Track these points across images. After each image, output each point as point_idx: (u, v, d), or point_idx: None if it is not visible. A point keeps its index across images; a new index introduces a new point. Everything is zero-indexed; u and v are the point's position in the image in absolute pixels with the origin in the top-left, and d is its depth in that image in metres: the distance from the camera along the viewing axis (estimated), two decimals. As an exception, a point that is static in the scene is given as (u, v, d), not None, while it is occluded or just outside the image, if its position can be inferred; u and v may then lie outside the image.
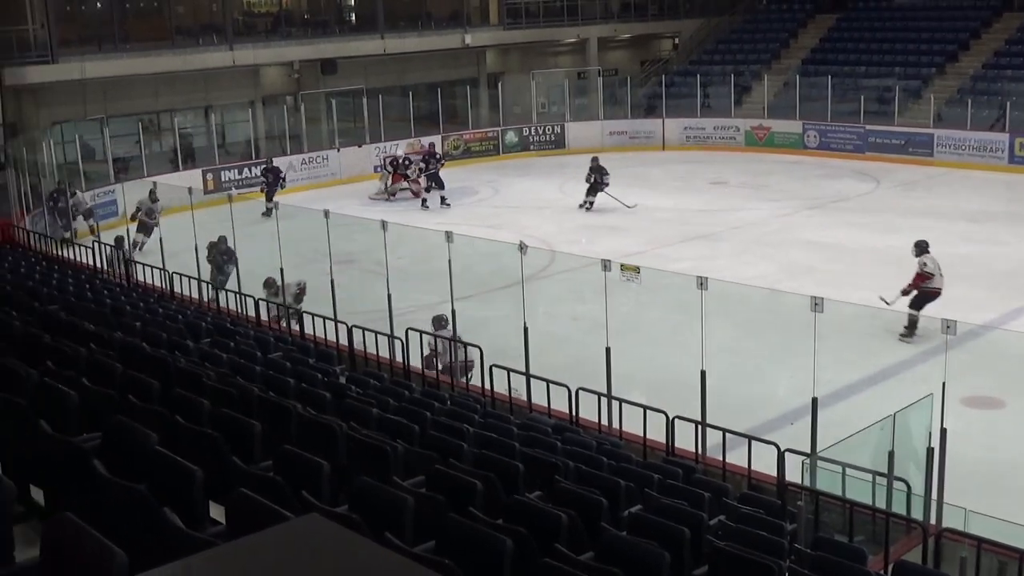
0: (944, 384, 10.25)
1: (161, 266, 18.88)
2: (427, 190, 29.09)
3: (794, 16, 43.07)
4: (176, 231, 19.88)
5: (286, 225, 17.91)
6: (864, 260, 21.96)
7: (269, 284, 17.60)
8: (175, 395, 8.16)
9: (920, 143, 33.59)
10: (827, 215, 26.67)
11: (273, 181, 28.71)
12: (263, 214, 24.41)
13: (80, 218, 25.30)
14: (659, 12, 44.87)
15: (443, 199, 28.78)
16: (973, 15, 38.63)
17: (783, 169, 33.30)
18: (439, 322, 15.22)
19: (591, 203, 27.39)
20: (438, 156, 30.70)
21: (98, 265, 19.73)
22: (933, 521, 9.91)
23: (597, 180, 27.32)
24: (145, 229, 23.09)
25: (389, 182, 30.37)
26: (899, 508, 9.77)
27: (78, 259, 20.11)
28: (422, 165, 29.56)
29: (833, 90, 35.58)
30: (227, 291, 17.21)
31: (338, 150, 33.79)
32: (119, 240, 20.37)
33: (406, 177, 30.17)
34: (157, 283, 18.60)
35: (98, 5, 34.88)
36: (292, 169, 32.33)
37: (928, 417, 10.16)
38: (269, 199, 26.64)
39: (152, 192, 23.46)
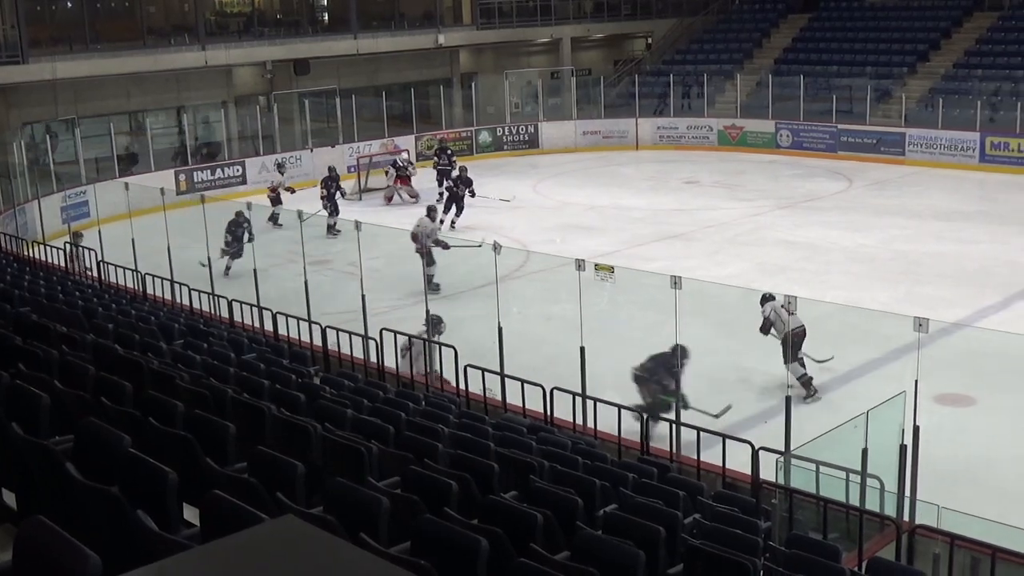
0: (916, 382, 10.32)
1: (133, 267, 18.79)
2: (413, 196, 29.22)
3: (766, 16, 43.23)
4: (148, 232, 19.78)
5: (260, 226, 17.86)
6: (837, 259, 22.07)
7: (403, 349, 14.97)
8: (148, 397, 8.11)
9: (892, 142, 33.79)
10: (800, 214, 26.78)
11: (334, 192, 26.99)
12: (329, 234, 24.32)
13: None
14: (632, 12, 44.94)
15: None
16: (944, 15, 38.87)
17: (756, 168, 33.43)
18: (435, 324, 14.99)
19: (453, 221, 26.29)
20: (449, 151, 30.85)
21: (70, 267, 19.64)
22: (906, 518, 9.97)
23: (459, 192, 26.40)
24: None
25: (392, 182, 30.29)
26: (872, 505, 9.81)
27: (50, 260, 19.99)
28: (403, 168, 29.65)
29: (805, 90, 35.73)
30: (199, 292, 17.11)
31: (311, 150, 33.68)
32: (76, 236, 20.38)
33: (409, 179, 30.11)
34: (130, 284, 18.52)
35: (69, 5, 34.65)
36: (265, 170, 32.25)
37: (901, 414, 10.22)
38: (334, 213, 25.91)
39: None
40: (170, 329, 13.28)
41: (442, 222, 25.77)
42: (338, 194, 26.98)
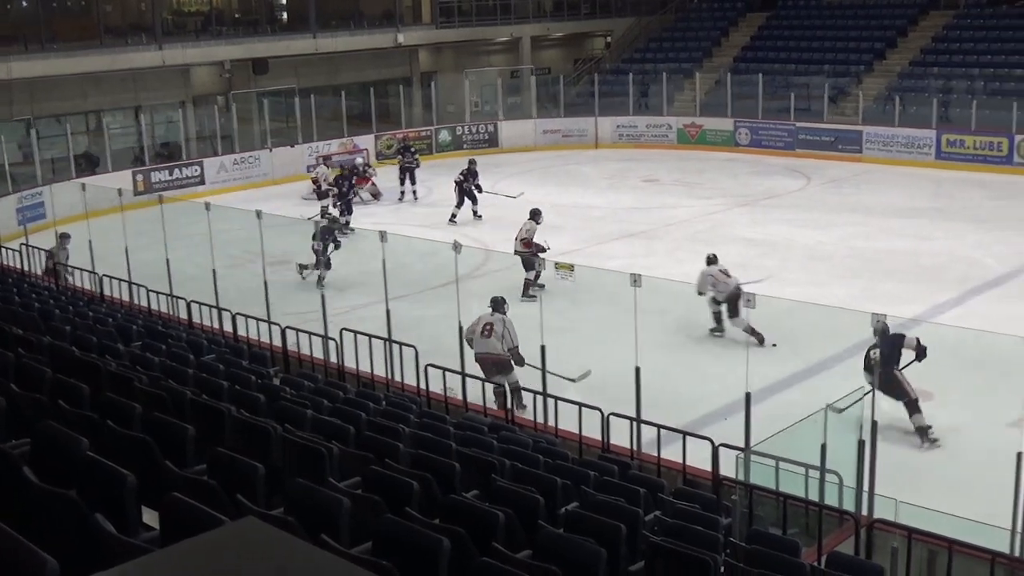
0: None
1: (91, 268, 18.64)
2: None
3: (725, 15, 43.44)
4: (106, 233, 19.63)
5: (219, 226, 17.75)
6: (795, 256, 22.22)
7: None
8: (106, 399, 8.05)
9: (849, 140, 34.05)
10: (759, 212, 26.94)
11: (348, 189, 26.32)
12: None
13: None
14: (592, 11, 45.07)
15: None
16: (900, 13, 39.21)
17: (715, 166, 33.59)
18: (497, 304, 14.37)
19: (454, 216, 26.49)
20: (412, 149, 30.93)
21: (26, 268, 19.45)
22: (865, 512, 10.05)
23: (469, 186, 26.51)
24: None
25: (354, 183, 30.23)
26: (832, 500, 9.89)
27: (5, 262, 19.80)
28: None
29: (764, 88, 35.93)
30: (157, 293, 17.00)
31: (270, 150, 33.53)
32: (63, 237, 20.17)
33: (368, 179, 30.05)
34: (87, 286, 18.37)
35: (24, 4, 34.33)
36: (223, 170, 32.10)
37: (859, 410, 10.31)
38: (345, 212, 25.50)
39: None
40: (128, 331, 13.20)
41: (454, 216, 26.32)
42: (352, 193, 26.80)
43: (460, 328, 14.11)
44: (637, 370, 12.47)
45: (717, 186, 30.57)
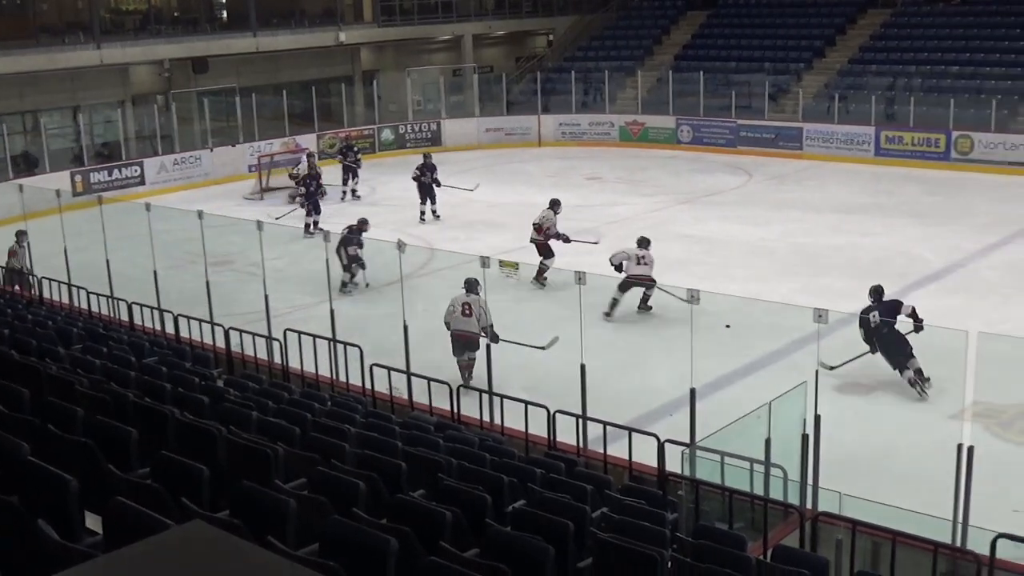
0: (817, 372, 10.50)
1: (29, 271, 18.40)
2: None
3: (666, 13, 43.65)
4: (44, 235, 19.37)
5: (159, 227, 17.59)
6: (737, 252, 22.38)
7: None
8: (47, 403, 7.96)
9: (790, 137, 34.36)
10: (701, 209, 27.10)
11: (315, 189, 25.79)
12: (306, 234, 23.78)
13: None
14: (533, 9, 45.17)
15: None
16: (839, 12, 39.64)
17: (657, 164, 33.75)
18: (471, 286, 15.02)
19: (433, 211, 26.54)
20: (355, 148, 30.90)
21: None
22: (809, 506, 10.14)
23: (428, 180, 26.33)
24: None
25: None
26: (776, 494, 9.97)
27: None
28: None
29: (705, 86, 36.16)
30: (97, 295, 16.81)
31: (211, 150, 33.27)
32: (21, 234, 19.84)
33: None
34: (24, 289, 18.14)
35: (-43, 3, 33.86)
36: (164, 170, 31.80)
37: (802, 404, 10.40)
38: (313, 211, 25.45)
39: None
40: (68, 334, 13.05)
41: (423, 214, 26.22)
42: (320, 193, 26.40)
43: (405, 327, 14.07)
44: (582, 367, 12.50)
45: (659, 183, 30.72)
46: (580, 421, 11.86)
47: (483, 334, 14.70)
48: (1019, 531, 8.42)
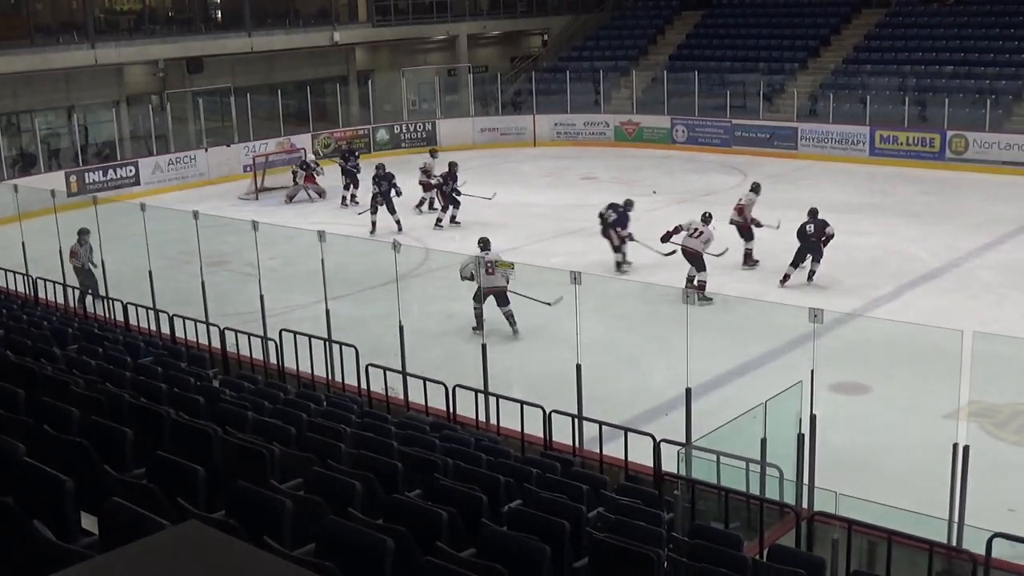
0: (812, 371, 10.50)
1: (24, 271, 18.37)
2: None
3: (660, 13, 43.66)
4: (39, 235, 19.35)
5: (154, 227, 17.56)
6: (732, 252, 22.33)
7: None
8: (42, 404, 7.95)
9: (784, 137, 34.39)
10: (696, 208, 26.97)
11: (386, 190, 25.58)
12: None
13: None
14: (528, 9, 45.12)
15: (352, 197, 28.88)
16: (833, 11, 39.67)
17: (652, 164, 33.74)
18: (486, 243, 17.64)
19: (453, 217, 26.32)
20: (356, 153, 30.37)
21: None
22: (805, 505, 10.15)
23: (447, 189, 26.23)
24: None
25: (301, 181, 30.03)
26: (772, 494, 9.98)
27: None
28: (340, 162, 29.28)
29: (700, 86, 36.17)
30: (95, 297, 16.79)
31: (206, 150, 33.24)
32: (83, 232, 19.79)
33: (315, 177, 29.93)
34: (20, 289, 18.11)
35: (-49, 3, 33.78)
36: (159, 170, 31.78)
37: (798, 404, 10.40)
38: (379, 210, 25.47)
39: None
40: (63, 334, 13.04)
41: (439, 221, 26.02)
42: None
43: (400, 327, 14.06)
44: (578, 367, 12.49)
45: (655, 183, 30.70)
46: (576, 421, 11.86)
47: (508, 286, 16.75)
48: (1014, 530, 8.44)
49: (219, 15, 39.95)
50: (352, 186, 28.97)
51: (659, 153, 35.56)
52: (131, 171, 31.44)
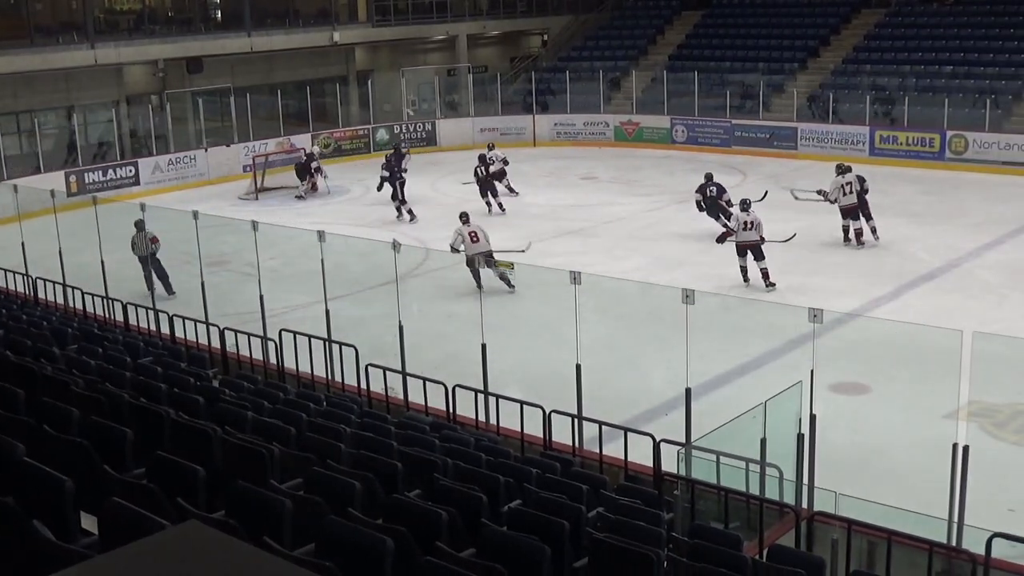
0: (812, 371, 10.50)
1: (24, 271, 18.37)
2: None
3: (660, 13, 43.66)
4: (39, 235, 19.35)
5: (155, 227, 17.58)
6: (733, 252, 22.32)
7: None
8: (42, 404, 7.95)
9: (784, 136, 34.39)
10: (696, 208, 27.04)
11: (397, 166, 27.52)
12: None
13: None
14: (528, 9, 45.12)
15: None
16: (833, 12, 39.68)
17: (652, 164, 33.75)
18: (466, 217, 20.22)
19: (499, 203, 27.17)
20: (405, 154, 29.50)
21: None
22: (805, 505, 10.15)
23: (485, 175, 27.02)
24: None
25: (316, 177, 30.19)
26: (772, 494, 9.97)
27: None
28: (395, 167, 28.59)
29: (700, 86, 36.17)
30: (92, 295, 16.78)
31: (206, 150, 33.26)
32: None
33: (312, 174, 30.02)
34: (20, 289, 18.11)
35: (-49, 3, 33.76)
36: (158, 170, 31.78)
37: (798, 404, 10.40)
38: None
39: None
40: (63, 334, 13.04)
41: (489, 206, 26.88)
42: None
43: (400, 327, 14.06)
44: (578, 367, 12.49)
45: (655, 183, 30.71)
46: (576, 421, 11.86)
47: (492, 248, 19.24)
48: (1014, 530, 8.43)
49: (219, 15, 39.95)
50: (400, 196, 27.27)
51: (659, 153, 35.56)
52: (131, 171, 31.46)
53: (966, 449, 9.71)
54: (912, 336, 14.44)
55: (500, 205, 27.10)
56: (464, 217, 20.31)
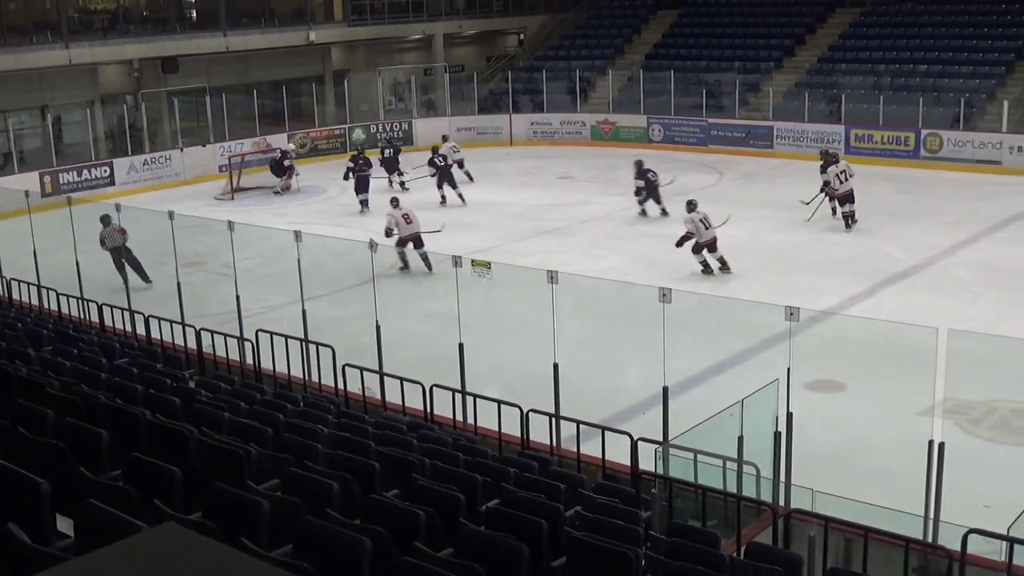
0: (789, 369, 10.54)
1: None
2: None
3: (636, 12, 43.74)
4: (13, 236, 19.25)
5: (130, 227, 17.50)
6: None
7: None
8: (16, 405, 7.90)
9: (760, 135, 34.51)
10: (673, 208, 27.06)
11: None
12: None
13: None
14: (504, 8, 45.14)
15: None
16: (808, 11, 39.84)
17: (629, 163, 33.55)
18: (397, 202, 21.82)
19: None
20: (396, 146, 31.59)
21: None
22: (782, 503, 10.18)
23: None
24: None
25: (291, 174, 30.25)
26: (749, 492, 10.00)
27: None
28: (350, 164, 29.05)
29: (676, 85, 36.27)
30: (67, 296, 16.70)
31: (181, 150, 33.12)
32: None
33: (286, 171, 30.07)
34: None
35: (-77, 3, 33.51)
36: (134, 170, 31.64)
37: (775, 402, 10.43)
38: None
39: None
40: (38, 335, 12.97)
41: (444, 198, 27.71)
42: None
43: (377, 327, 14.04)
44: (555, 366, 12.51)
45: (631, 182, 30.70)
46: (553, 420, 11.87)
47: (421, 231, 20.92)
48: (990, 527, 8.47)
49: (194, 15, 39.78)
50: (396, 173, 30.25)
51: (636, 152, 35.56)
52: (106, 171, 31.30)
53: (942, 446, 9.76)
54: (888, 334, 14.50)
55: (460, 196, 27.65)
56: (395, 201, 21.83)
